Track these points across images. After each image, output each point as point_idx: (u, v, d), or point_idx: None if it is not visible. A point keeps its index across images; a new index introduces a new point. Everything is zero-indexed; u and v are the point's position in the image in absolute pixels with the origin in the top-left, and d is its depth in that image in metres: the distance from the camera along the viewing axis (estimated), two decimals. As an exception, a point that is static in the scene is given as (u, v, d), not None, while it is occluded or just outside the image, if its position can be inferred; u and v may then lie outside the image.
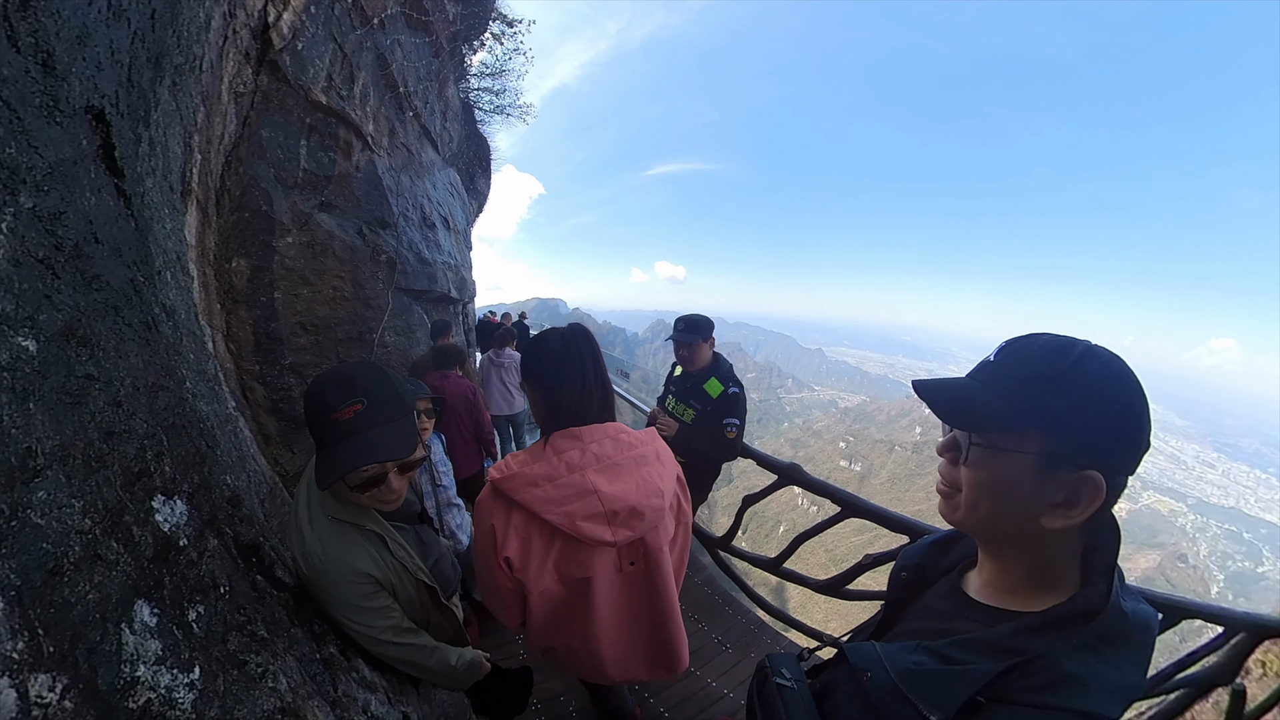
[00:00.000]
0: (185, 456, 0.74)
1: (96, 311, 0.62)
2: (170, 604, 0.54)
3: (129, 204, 0.89)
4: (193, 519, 0.66)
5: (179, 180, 1.81)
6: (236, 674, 0.58)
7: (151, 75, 1.26)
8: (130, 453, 0.58)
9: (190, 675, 0.52)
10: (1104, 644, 0.53)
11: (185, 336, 1.25)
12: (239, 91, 2.90)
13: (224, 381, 2.24)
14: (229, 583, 0.67)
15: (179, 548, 0.60)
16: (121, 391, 0.61)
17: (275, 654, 0.67)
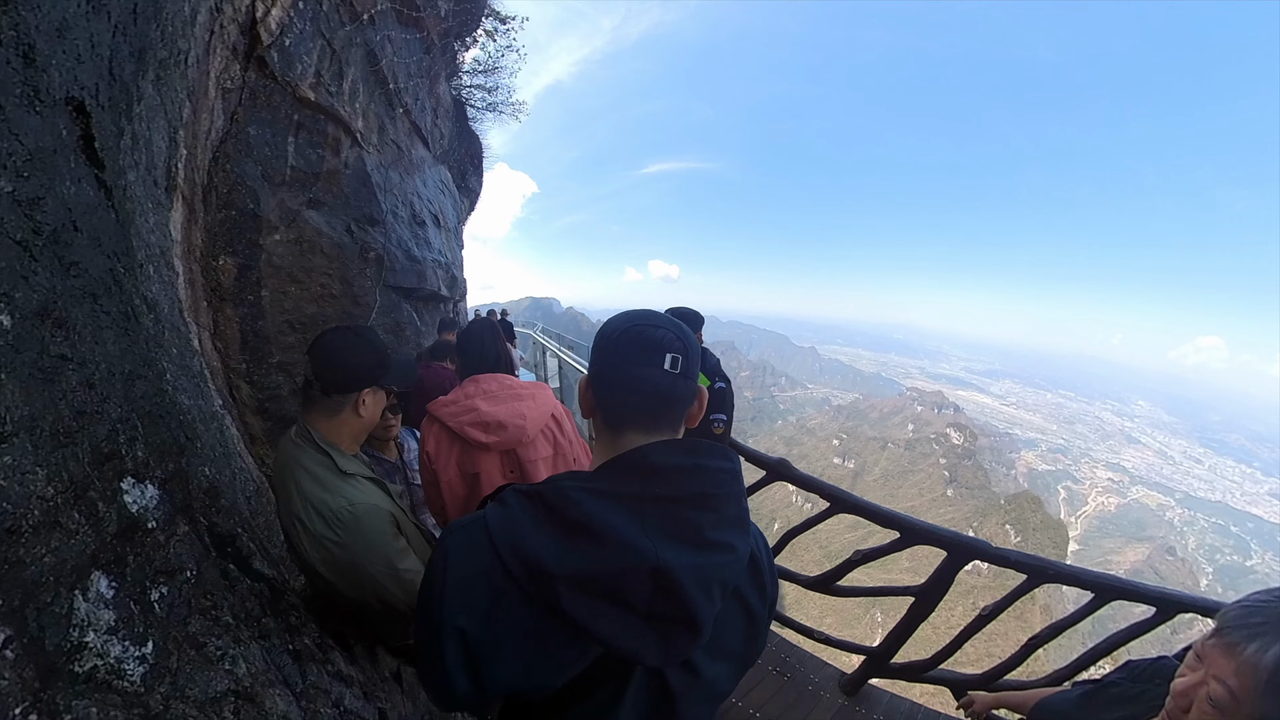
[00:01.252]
0: (161, 445, 0.75)
1: (74, 297, 0.63)
2: (131, 581, 0.56)
3: (109, 195, 0.89)
4: (164, 504, 0.67)
5: (164, 175, 1.80)
6: (194, 654, 0.59)
7: (134, 69, 1.26)
8: (101, 434, 0.59)
9: (143, 649, 0.53)
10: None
11: (168, 330, 1.26)
12: (226, 87, 2.89)
13: (210, 379, 2.24)
14: (197, 568, 0.68)
15: (146, 529, 0.61)
16: (96, 375, 0.62)
17: (238, 640, 0.68)
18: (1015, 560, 1.87)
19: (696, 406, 0.77)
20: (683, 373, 0.71)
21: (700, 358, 0.77)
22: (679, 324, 0.74)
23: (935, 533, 2.03)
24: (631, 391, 0.72)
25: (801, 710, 2.29)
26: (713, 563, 0.63)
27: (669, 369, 0.70)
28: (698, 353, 0.75)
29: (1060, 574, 1.83)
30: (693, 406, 0.76)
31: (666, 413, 0.72)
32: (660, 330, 0.72)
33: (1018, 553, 1.89)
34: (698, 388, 0.76)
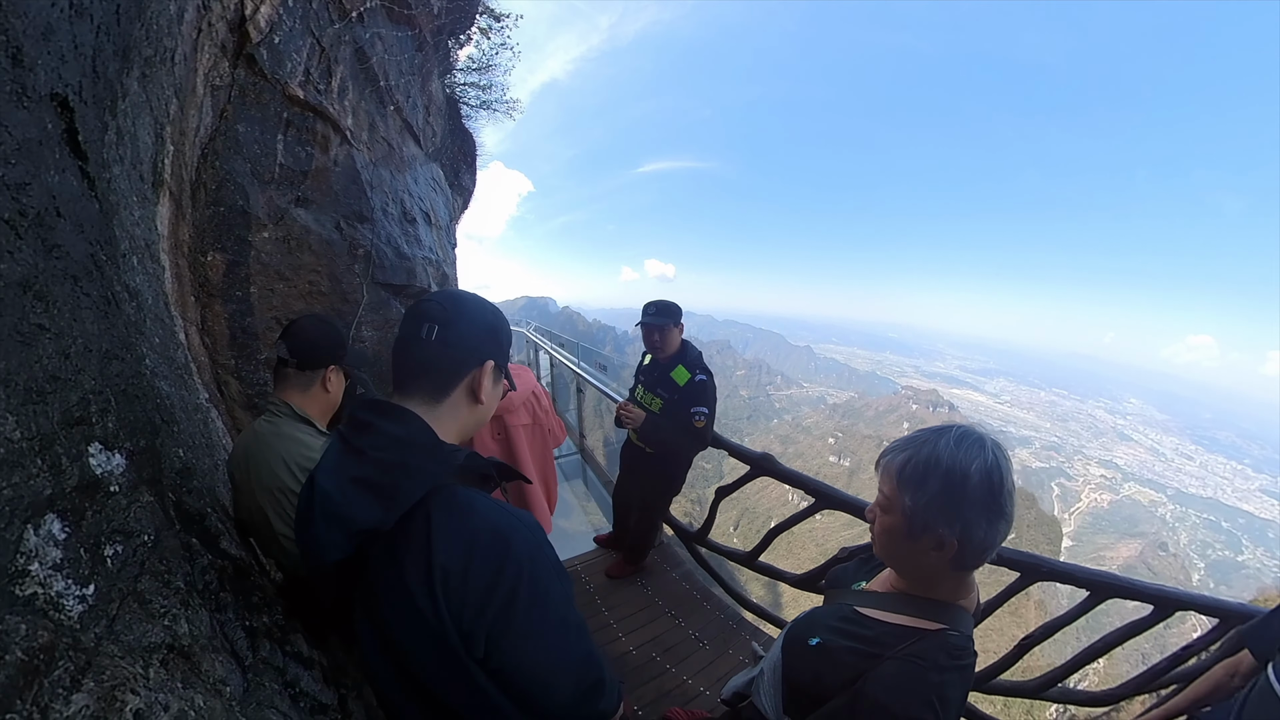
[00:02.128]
0: (134, 422, 0.80)
1: (55, 276, 0.68)
2: (86, 533, 0.60)
3: (93, 186, 0.94)
4: (129, 473, 0.71)
5: (150, 170, 1.84)
6: (136, 607, 0.63)
7: (118, 67, 1.31)
8: (73, 399, 0.64)
9: (84, 590, 0.57)
10: None
11: (150, 320, 1.30)
12: (215, 85, 2.92)
13: (196, 374, 2.28)
14: (156, 535, 0.72)
15: (109, 492, 0.66)
16: (72, 348, 0.67)
17: (187, 604, 0.71)
18: (1009, 558, 1.81)
19: (478, 380, 0.84)
20: (439, 340, 0.80)
21: (455, 327, 0.82)
22: (456, 298, 0.84)
23: None
24: (396, 356, 0.83)
25: None
26: (334, 499, 0.70)
27: (424, 336, 0.80)
28: (468, 325, 0.83)
29: (1055, 572, 1.77)
30: (468, 378, 0.83)
31: (421, 378, 0.81)
32: (430, 304, 0.83)
33: (1009, 549, 1.83)
34: (470, 358, 0.83)
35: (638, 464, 2.90)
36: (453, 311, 0.82)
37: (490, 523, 0.72)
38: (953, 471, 0.77)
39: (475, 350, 0.85)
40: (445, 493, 0.74)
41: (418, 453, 0.73)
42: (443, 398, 0.82)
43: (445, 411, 0.82)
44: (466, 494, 0.75)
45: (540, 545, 0.75)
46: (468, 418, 0.86)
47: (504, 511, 0.75)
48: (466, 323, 0.83)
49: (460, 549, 0.68)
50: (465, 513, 0.72)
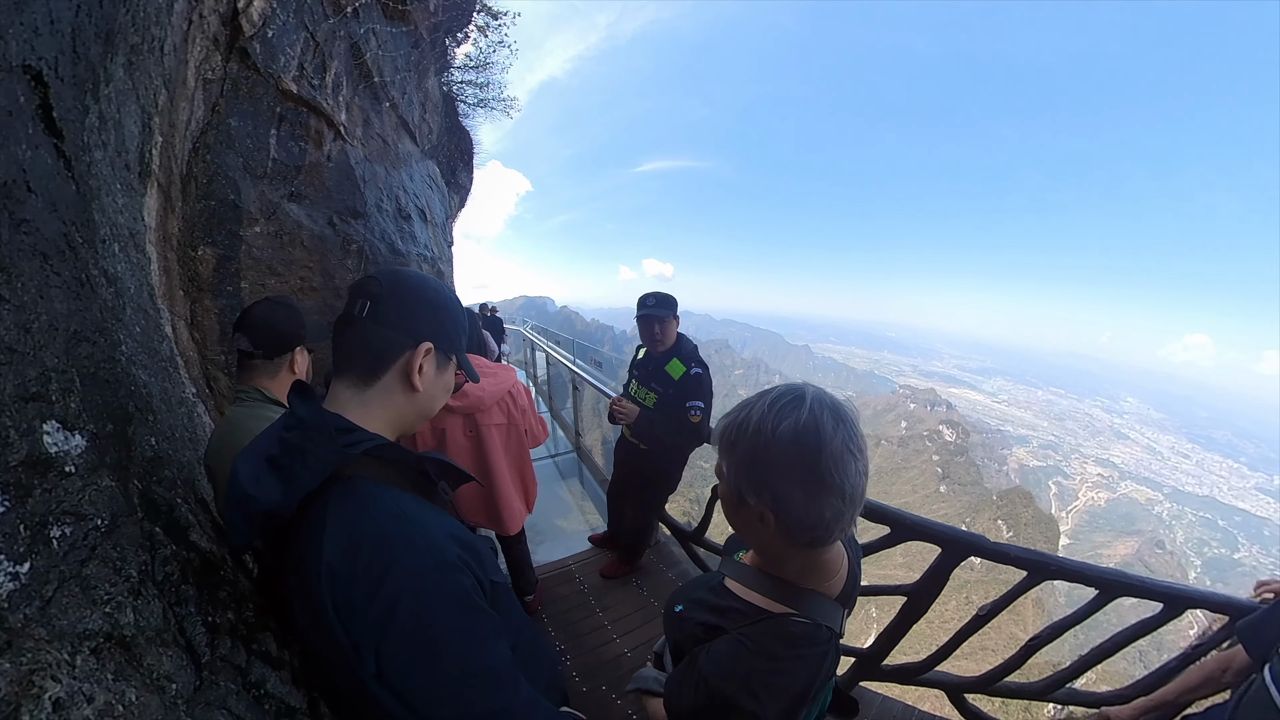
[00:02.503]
0: (101, 406, 0.77)
1: (21, 250, 0.66)
2: (30, 511, 0.56)
3: (69, 166, 0.92)
4: (89, 455, 0.68)
5: (136, 160, 1.82)
6: (77, 591, 0.59)
7: (101, 50, 1.29)
8: (30, 374, 0.61)
9: (18, 568, 0.53)
10: None
11: (131, 309, 1.28)
12: (207, 78, 2.90)
13: (183, 368, 2.25)
14: (111, 520, 0.68)
15: (63, 471, 0.62)
16: (35, 324, 0.64)
17: (137, 594, 0.67)
18: (1015, 556, 1.73)
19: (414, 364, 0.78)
20: (369, 316, 0.75)
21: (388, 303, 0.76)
22: (397, 275, 0.79)
23: (928, 528, 1.87)
24: (333, 336, 0.79)
25: None
26: (240, 478, 0.67)
27: (356, 313, 0.75)
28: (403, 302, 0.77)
29: (1063, 570, 1.70)
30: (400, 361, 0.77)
31: (352, 358, 0.77)
32: (368, 280, 0.77)
33: (1017, 548, 1.75)
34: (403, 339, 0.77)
35: (632, 461, 2.83)
36: (388, 287, 0.76)
37: (377, 528, 0.65)
38: (759, 433, 0.68)
39: (411, 330, 0.78)
40: (348, 485, 0.68)
41: (313, 436, 0.69)
42: (373, 381, 0.77)
43: (375, 396, 0.77)
44: (370, 491, 0.69)
45: (438, 571, 0.66)
46: (404, 406, 0.80)
47: (401, 521, 0.67)
48: (402, 299, 0.77)
49: (345, 548, 0.63)
50: (358, 510, 0.66)
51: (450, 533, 0.72)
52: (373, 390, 0.77)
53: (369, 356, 0.76)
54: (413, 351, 0.78)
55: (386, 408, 0.78)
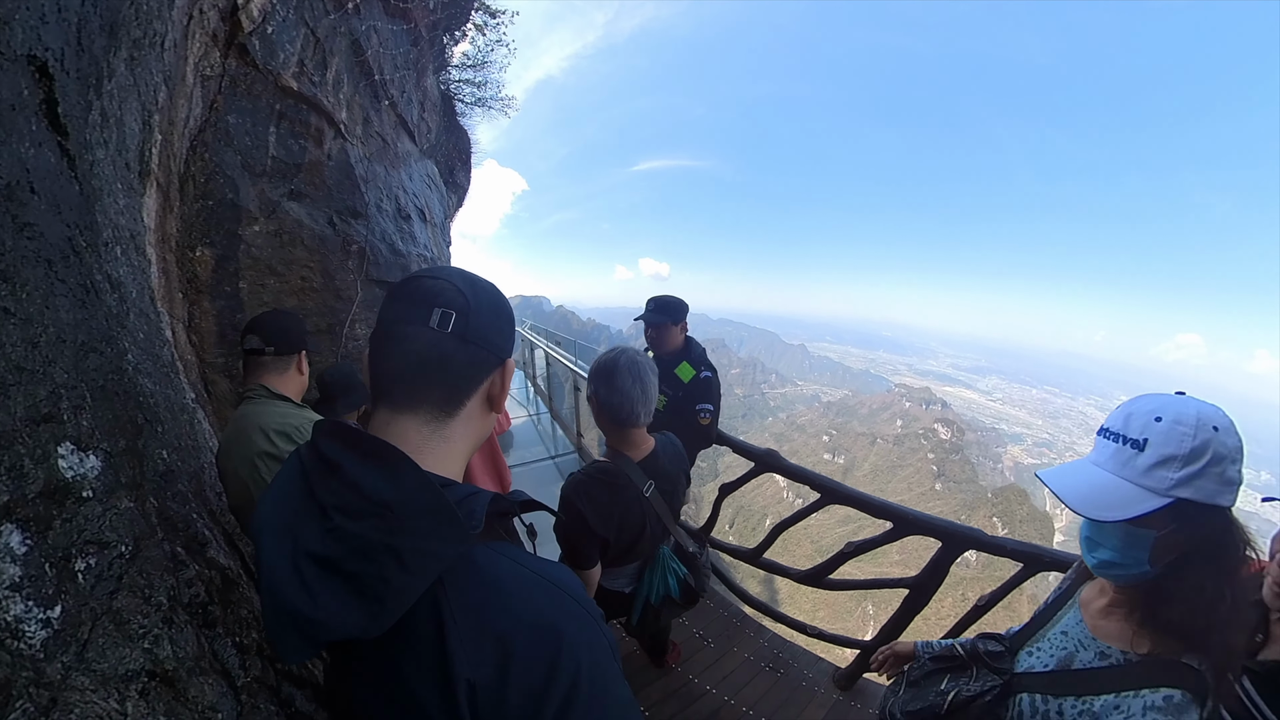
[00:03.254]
0: (113, 420, 0.73)
1: (25, 257, 0.61)
2: (53, 545, 0.52)
3: (73, 165, 0.87)
4: (106, 476, 0.63)
5: (136, 159, 1.77)
6: (111, 628, 0.55)
7: (105, 43, 1.23)
8: (40, 394, 0.56)
9: (49, 612, 0.49)
10: None
11: (134, 314, 1.23)
12: (205, 74, 2.83)
13: (183, 372, 2.19)
14: (135, 545, 0.64)
15: (81, 497, 0.58)
16: (42, 337, 0.60)
17: (170, 622, 0.64)
18: (1012, 549, 1.83)
19: (498, 384, 0.66)
20: (456, 333, 0.59)
21: (479, 316, 0.62)
22: (471, 280, 0.64)
23: (930, 522, 1.98)
24: (383, 353, 0.60)
25: (796, 707, 2.26)
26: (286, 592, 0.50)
27: (435, 326, 0.58)
28: (492, 314, 0.64)
29: (1056, 561, 1.80)
30: (488, 383, 0.64)
31: (430, 384, 0.60)
32: (439, 284, 0.61)
33: (1013, 541, 1.86)
34: (489, 357, 0.64)
35: None
36: (473, 297, 0.61)
37: (532, 610, 0.51)
38: (596, 362, 1.42)
39: (500, 347, 0.65)
40: (460, 565, 0.52)
41: (418, 528, 0.50)
42: (457, 410, 0.62)
43: (458, 429, 0.62)
44: (492, 565, 0.54)
45: (595, 622, 0.55)
46: (480, 431, 0.66)
47: (541, 583, 0.54)
48: (490, 311, 0.63)
49: (492, 654, 0.48)
50: (492, 599, 0.51)
51: (580, 584, 0.59)
52: (456, 421, 0.62)
53: (456, 381, 0.61)
54: (500, 370, 0.66)
55: (468, 440, 0.64)
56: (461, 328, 0.60)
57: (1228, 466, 0.70)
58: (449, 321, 0.59)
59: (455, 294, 0.60)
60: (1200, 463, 0.69)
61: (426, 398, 0.60)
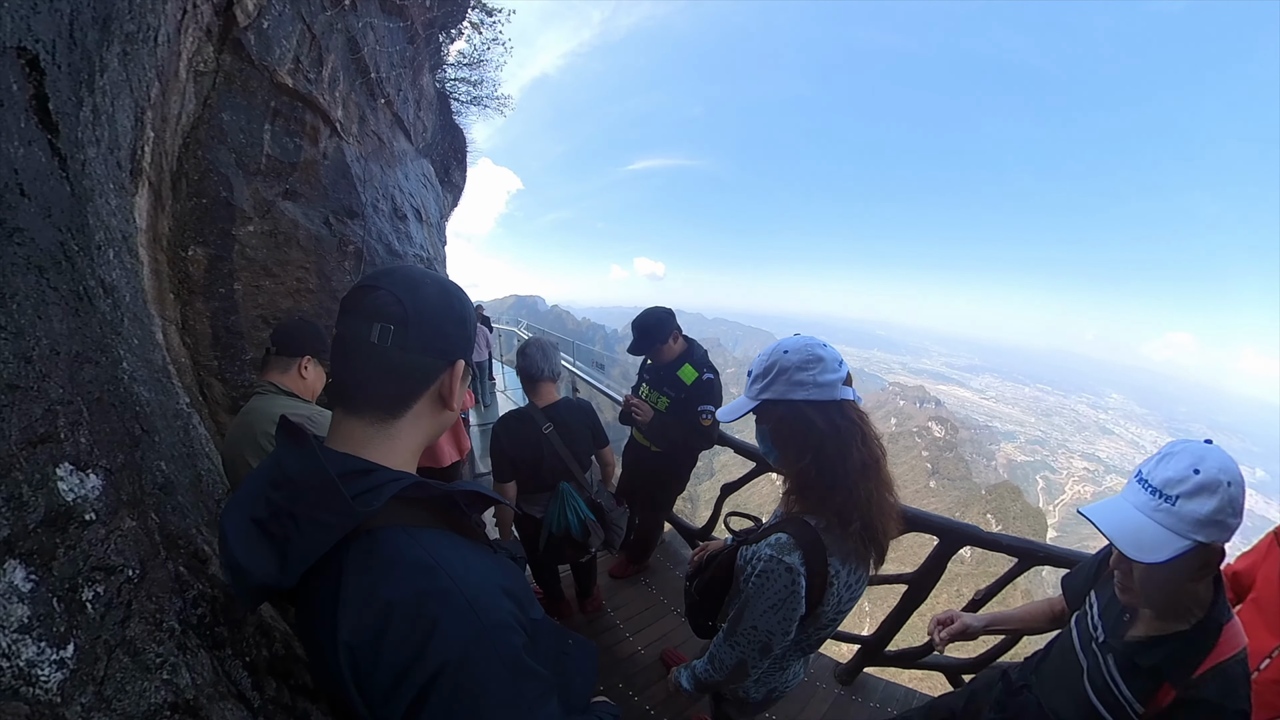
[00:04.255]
0: (111, 434, 0.69)
1: (15, 265, 0.57)
2: (59, 576, 0.49)
3: (64, 165, 0.82)
4: (107, 496, 0.60)
5: (128, 157, 1.71)
6: (127, 660, 0.52)
7: (98, 37, 1.19)
8: (36, 412, 0.53)
9: (62, 652, 0.46)
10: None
11: (128, 319, 1.18)
12: (199, 70, 2.78)
13: (176, 376, 2.14)
14: (141, 568, 0.61)
15: (84, 522, 0.55)
16: (35, 350, 0.56)
17: (184, 648, 0.60)
18: (1007, 544, 1.90)
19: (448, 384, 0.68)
20: (396, 346, 0.62)
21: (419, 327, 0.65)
22: (414, 285, 0.65)
23: (927, 519, 2.04)
24: (336, 362, 0.65)
25: (798, 703, 2.28)
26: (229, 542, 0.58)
27: (375, 341, 0.62)
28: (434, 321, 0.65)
29: (1050, 556, 1.89)
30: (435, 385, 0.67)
31: (372, 392, 0.64)
32: (379, 295, 0.63)
33: (1009, 536, 1.92)
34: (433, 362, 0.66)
35: (642, 462, 2.86)
36: (412, 306, 0.63)
37: (411, 591, 0.55)
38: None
39: (445, 351, 0.67)
40: (369, 539, 0.58)
41: (309, 497, 0.57)
42: (403, 413, 0.65)
43: (404, 428, 0.66)
44: (398, 543, 0.58)
45: (488, 635, 0.56)
46: (433, 427, 0.70)
47: (438, 575, 0.57)
48: (432, 318, 0.65)
49: (371, 625, 0.53)
50: (383, 572, 0.56)
51: (500, 585, 0.61)
52: (402, 421, 0.66)
53: (399, 389, 0.65)
54: (449, 372, 0.68)
55: (416, 435, 0.68)
56: (400, 340, 0.62)
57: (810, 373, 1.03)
58: (388, 336, 0.62)
59: (394, 305, 0.62)
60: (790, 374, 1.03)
61: (371, 404, 0.64)
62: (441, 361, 0.67)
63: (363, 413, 0.64)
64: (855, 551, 1.03)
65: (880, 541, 1.05)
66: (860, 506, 1.00)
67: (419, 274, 0.68)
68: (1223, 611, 0.90)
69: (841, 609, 1.11)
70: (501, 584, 0.62)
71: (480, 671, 0.54)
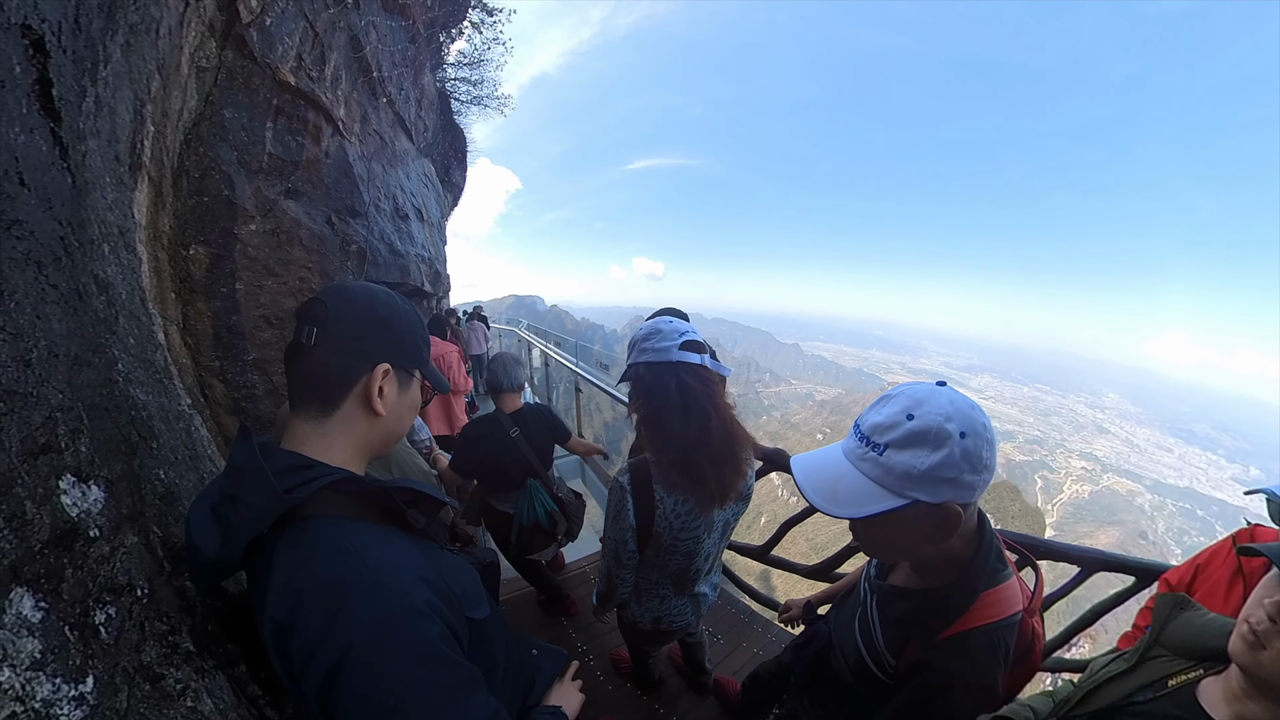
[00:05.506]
0: (109, 442, 0.65)
1: (15, 261, 0.53)
2: (68, 600, 0.45)
3: (65, 156, 0.78)
4: (110, 509, 0.57)
5: (127, 151, 1.66)
6: (148, 689, 0.49)
7: (103, 25, 1.14)
8: (36, 420, 0.49)
9: (80, 687, 0.43)
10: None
11: (124, 317, 1.13)
12: (201, 66, 2.72)
13: (177, 377, 2.09)
14: (149, 585, 0.57)
15: (88, 538, 0.51)
16: (34, 353, 0.52)
17: (202, 670, 0.58)
18: (1008, 542, 1.92)
19: (368, 388, 0.72)
20: (318, 344, 0.69)
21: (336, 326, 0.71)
22: (342, 293, 0.73)
23: None
24: (285, 366, 0.73)
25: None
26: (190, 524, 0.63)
27: (304, 341, 0.69)
28: (351, 323, 0.72)
29: (1051, 550, 1.92)
30: (358, 386, 0.72)
31: (306, 391, 0.71)
32: (312, 302, 0.71)
33: (1009, 533, 1.92)
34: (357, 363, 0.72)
35: None
36: (334, 309, 0.70)
37: (326, 571, 0.59)
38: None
39: (363, 353, 0.72)
40: (301, 526, 0.63)
41: (245, 483, 0.62)
42: (332, 411, 0.71)
43: (335, 427, 0.71)
44: (324, 530, 0.63)
45: (395, 618, 0.58)
46: (369, 432, 0.74)
47: (352, 559, 0.60)
48: (350, 320, 0.71)
49: (288, 602, 0.57)
50: (307, 554, 0.60)
51: (419, 575, 0.64)
52: (332, 421, 0.71)
53: (324, 386, 0.71)
54: (369, 375, 0.73)
55: (350, 436, 0.73)
56: (322, 339, 0.69)
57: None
58: (312, 335, 0.69)
59: (319, 308, 0.70)
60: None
61: (306, 403, 0.71)
62: (361, 363, 0.72)
63: (301, 412, 0.71)
64: (678, 483, 1.22)
65: (705, 480, 1.22)
66: (681, 445, 1.20)
67: (355, 285, 0.76)
68: (983, 577, 0.80)
69: (677, 535, 1.29)
70: (423, 575, 0.65)
71: (390, 655, 0.56)
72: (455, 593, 0.69)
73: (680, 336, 1.25)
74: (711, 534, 1.37)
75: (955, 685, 0.76)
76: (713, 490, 1.25)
